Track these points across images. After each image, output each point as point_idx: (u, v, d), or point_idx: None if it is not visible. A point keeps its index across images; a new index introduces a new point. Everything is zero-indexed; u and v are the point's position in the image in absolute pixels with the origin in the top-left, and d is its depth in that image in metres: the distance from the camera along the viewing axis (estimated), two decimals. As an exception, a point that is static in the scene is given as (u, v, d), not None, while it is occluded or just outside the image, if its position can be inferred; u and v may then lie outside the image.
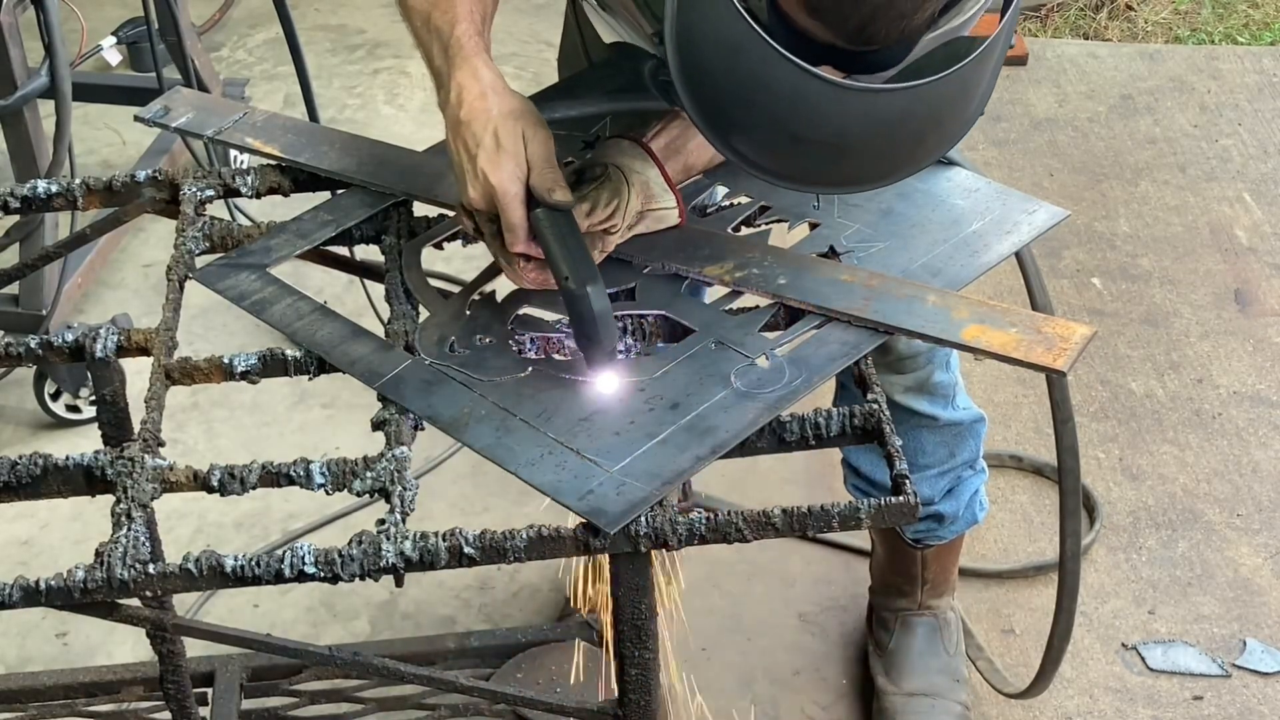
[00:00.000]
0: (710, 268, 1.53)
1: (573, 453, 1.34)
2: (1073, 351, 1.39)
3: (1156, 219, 3.36)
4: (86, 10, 3.75)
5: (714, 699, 2.36)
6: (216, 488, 1.36)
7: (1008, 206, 1.61)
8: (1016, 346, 1.40)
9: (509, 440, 1.37)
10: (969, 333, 1.42)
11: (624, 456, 1.33)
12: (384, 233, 1.64)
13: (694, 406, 1.38)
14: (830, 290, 1.48)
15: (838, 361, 1.42)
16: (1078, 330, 1.41)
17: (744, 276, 1.51)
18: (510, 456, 1.35)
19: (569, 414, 1.39)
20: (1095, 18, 4.13)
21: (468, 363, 1.45)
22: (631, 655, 1.46)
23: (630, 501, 1.29)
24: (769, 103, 1.28)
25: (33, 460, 1.37)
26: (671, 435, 1.35)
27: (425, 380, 1.44)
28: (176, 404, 2.77)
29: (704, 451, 1.34)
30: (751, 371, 1.41)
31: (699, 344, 1.45)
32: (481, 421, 1.39)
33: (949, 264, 1.54)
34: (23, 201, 1.71)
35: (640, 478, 1.31)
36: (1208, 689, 2.36)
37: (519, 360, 1.46)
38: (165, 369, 1.45)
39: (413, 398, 1.42)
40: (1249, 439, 2.80)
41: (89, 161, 3.48)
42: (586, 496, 1.30)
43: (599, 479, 1.31)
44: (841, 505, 1.31)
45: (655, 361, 1.44)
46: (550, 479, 1.32)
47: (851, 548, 2.58)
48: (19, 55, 2.61)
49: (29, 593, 1.27)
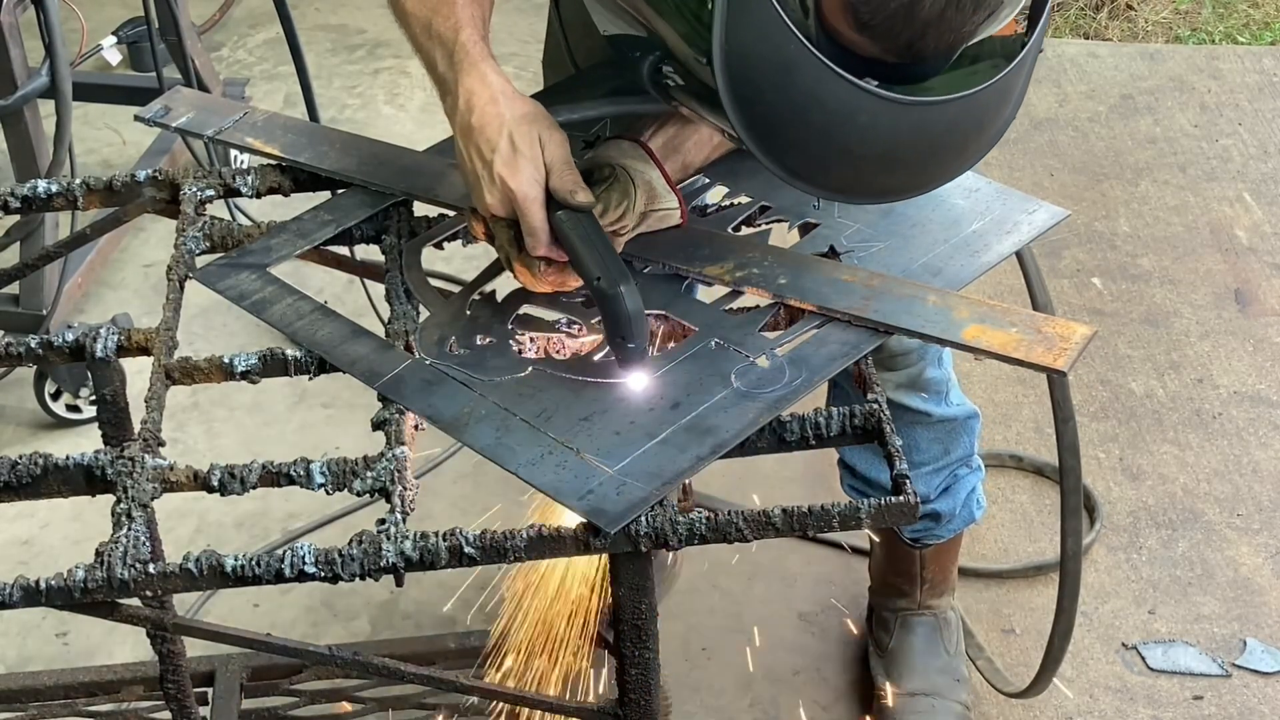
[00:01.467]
0: (711, 267, 1.53)
1: (573, 453, 1.34)
2: (1073, 351, 1.39)
3: (1157, 219, 3.36)
4: (86, 10, 3.75)
5: (714, 699, 2.36)
6: (216, 488, 1.36)
7: (1008, 206, 1.61)
8: (1017, 346, 1.40)
9: (509, 440, 1.37)
10: (969, 333, 1.42)
11: (624, 456, 1.33)
12: (384, 232, 1.64)
13: (694, 406, 1.38)
14: (830, 290, 1.48)
15: (838, 361, 1.42)
16: (1078, 330, 1.41)
17: (744, 276, 1.51)
18: (510, 456, 1.35)
19: (569, 414, 1.39)
20: (1095, 17, 4.13)
21: (468, 363, 1.45)
22: (631, 655, 1.46)
23: (630, 501, 1.29)
24: (822, 119, 1.28)
25: (33, 460, 1.37)
26: (672, 435, 1.35)
27: (425, 380, 1.44)
28: (176, 404, 2.77)
29: (704, 451, 1.34)
30: (752, 371, 1.41)
31: (699, 344, 1.46)
32: (482, 421, 1.39)
33: (949, 264, 1.54)
34: (23, 201, 1.71)
35: (640, 478, 1.31)
36: (1208, 689, 2.36)
37: (519, 360, 1.46)
38: (165, 369, 1.45)
39: (413, 397, 1.42)
40: (1249, 439, 2.80)
41: (89, 161, 3.48)
42: (587, 496, 1.30)
43: (599, 479, 1.32)
44: (841, 505, 1.31)
45: (656, 362, 1.44)
46: (551, 479, 1.32)
47: (852, 547, 2.58)
48: (19, 55, 2.61)
49: (29, 593, 1.27)
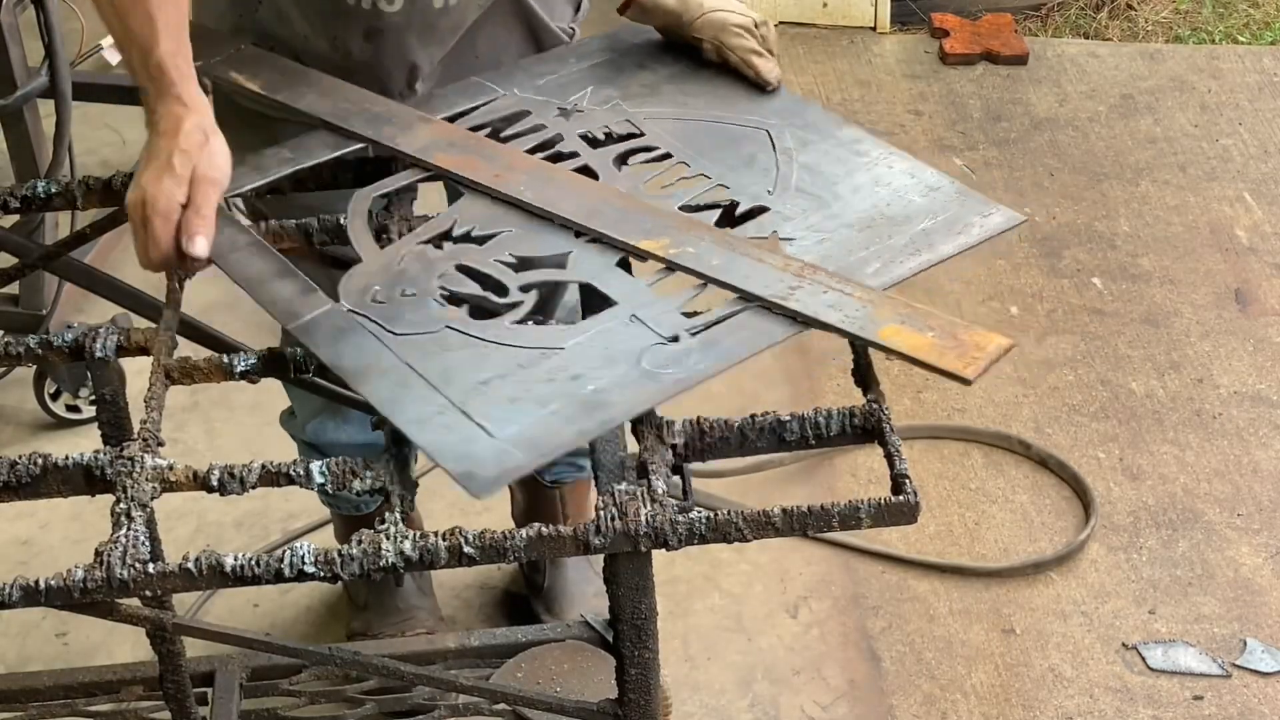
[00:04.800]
0: (647, 241, 1.50)
1: (463, 415, 1.33)
2: (984, 361, 1.36)
3: (1157, 219, 3.36)
4: (86, 10, 3.74)
5: (714, 699, 2.36)
6: (216, 487, 1.36)
7: (964, 208, 1.58)
8: (930, 350, 1.38)
9: (405, 396, 1.36)
10: (885, 332, 1.40)
11: (511, 424, 1.32)
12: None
13: (594, 380, 1.36)
14: (760, 276, 1.46)
15: (747, 348, 1.40)
16: (994, 340, 1.38)
17: (679, 254, 1.49)
18: (401, 412, 1.34)
19: (470, 376, 1.37)
20: (1095, 17, 4.13)
21: (385, 314, 1.44)
22: (631, 655, 1.46)
23: (504, 469, 1.28)
24: None
25: (32, 460, 1.37)
26: (564, 407, 1.33)
27: (339, 327, 1.43)
28: (176, 404, 2.77)
29: (590, 426, 1.32)
30: (662, 351, 1.39)
31: (615, 318, 1.44)
32: (384, 375, 1.38)
33: (888, 260, 1.51)
34: (23, 201, 1.71)
35: (521, 446, 1.30)
36: (1208, 689, 2.36)
37: (435, 317, 1.44)
38: (165, 369, 1.45)
39: (322, 343, 1.42)
40: (1249, 439, 2.80)
41: (89, 161, 3.48)
42: (463, 459, 1.29)
43: (481, 443, 1.30)
44: (841, 505, 1.31)
45: (570, 332, 1.42)
46: (433, 438, 1.31)
47: (852, 547, 2.58)
48: (19, 55, 2.61)
49: (29, 593, 1.27)
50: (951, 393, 2.88)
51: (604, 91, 1.74)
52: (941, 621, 2.47)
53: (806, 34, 4.02)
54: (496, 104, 1.73)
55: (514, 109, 1.72)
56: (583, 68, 1.79)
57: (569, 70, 1.79)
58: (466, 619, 2.48)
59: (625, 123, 1.70)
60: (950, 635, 2.45)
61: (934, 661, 2.41)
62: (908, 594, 2.52)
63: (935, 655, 2.42)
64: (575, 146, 1.66)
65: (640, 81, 1.77)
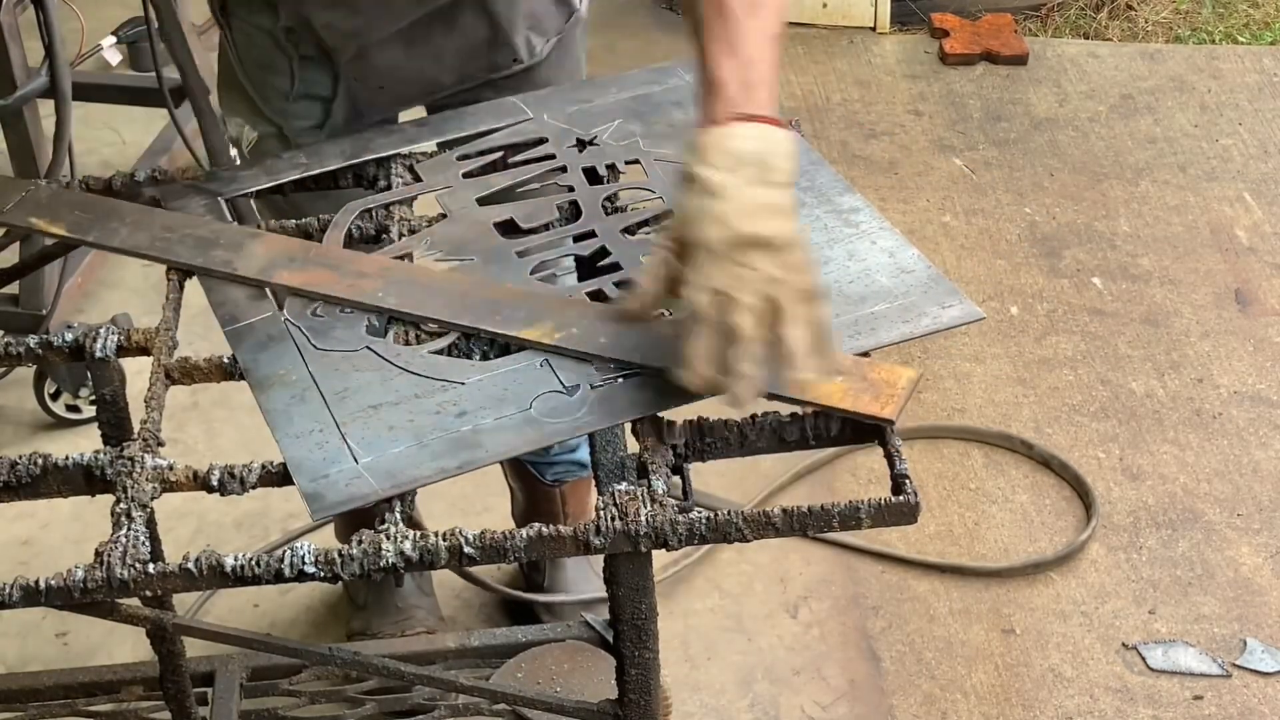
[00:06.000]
0: (527, 330, 1.45)
1: (340, 436, 1.33)
2: (900, 398, 1.35)
3: (1157, 219, 3.36)
4: (86, 10, 3.75)
5: (714, 699, 2.36)
6: (216, 488, 1.35)
7: (925, 296, 1.51)
8: (842, 397, 1.36)
9: (296, 409, 1.36)
10: (794, 386, 1.35)
11: (379, 451, 1.32)
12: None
13: (477, 419, 1.35)
14: (651, 345, 1.40)
15: (637, 410, 1.37)
16: (904, 374, 1.37)
17: (564, 337, 1.44)
18: (285, 424, 1.34)
19: (363, 398, 1.37)
20: (1095, 17, 4.13)
21: (317, 328, 1.44)
22: (631, 655, 1.46)
23: (352, 495, 1.28)
24: None
25: (32, 460, 1.37)
26: (437, 442, 1.33)
27: (270, 335, 1.43)
28: (176, 404, 2.77)
29: (451, 465, 1.32)
30: (555, 399, 1.37)
31: (529, 360, 1.42)
32: (288, 386, 1.38)
33: None
34: (22, 202, 1.71)
35: (378, 475, 1.30)
36: (1208, 689, 2.36)
37: (361, 336, 1.44)
38: (165, 369, 1.45)
39: (246, 349, 1.42)
40: (1249, 439, 2.80)
41: (89, 161, 3.48)
42: (319, 480, 1.29)
43: (341, 467, 1.30)
44: (841, 505, 1.31)
45: (478, 368, 1.41)
46: (299, 454, 1.32)
47: (852, 547, 2.58)
48: (19, 55, 2.61)
49: (29, 593, 1.27)
50: (951, 393, 2.88)
51: (629, 127, 1.72)
52: (941, 621, 2.47)
53: (806, 34, 4.02)
54: (520, 127, 1.72)
55: (532, 135, 1.71)
56: (621, 99, 1.77)
57: (606, 100, 1.76)
58: (466, 619, 2.48)
59: (635, 162, 1.68)
60: (950, 635, 2.45)
61: (934, 661, 2.41)
62: (908, 594, 2.52)
63: (935, 655, 2.42)
64: (574, 180, 1.64)
65: (669, 120, 1.74)
